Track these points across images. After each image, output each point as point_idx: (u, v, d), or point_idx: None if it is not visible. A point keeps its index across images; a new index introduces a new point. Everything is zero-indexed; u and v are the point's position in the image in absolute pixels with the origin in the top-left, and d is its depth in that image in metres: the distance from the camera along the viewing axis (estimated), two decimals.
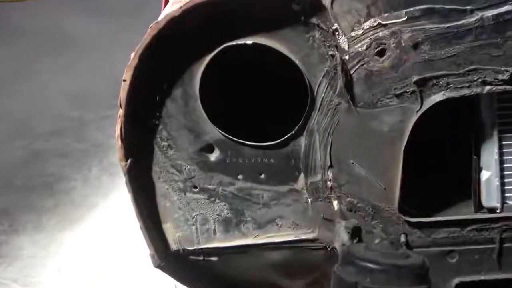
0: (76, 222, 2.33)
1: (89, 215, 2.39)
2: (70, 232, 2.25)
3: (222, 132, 1.45)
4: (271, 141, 1.45)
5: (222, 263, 1.40)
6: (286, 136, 1.44)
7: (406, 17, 1.14)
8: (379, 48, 1.21)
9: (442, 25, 1.12)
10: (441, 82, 1.20)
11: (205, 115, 1.41)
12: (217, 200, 1.55)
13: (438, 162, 1.63)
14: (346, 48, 1.22)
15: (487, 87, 1.15)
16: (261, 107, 1.79)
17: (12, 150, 2.70)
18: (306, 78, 1.34)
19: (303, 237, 1.42)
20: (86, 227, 2.30)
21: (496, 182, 1.24)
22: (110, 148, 3.12)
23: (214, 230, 1.57)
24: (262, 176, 1.49)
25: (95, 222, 2.34)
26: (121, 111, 1.36)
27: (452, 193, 1.52)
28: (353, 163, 1.47)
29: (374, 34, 1.20)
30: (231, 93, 1.68)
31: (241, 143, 1.46)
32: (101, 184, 2.81)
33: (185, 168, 1.49)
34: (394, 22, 1.15)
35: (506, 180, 1.25)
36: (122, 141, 1.42)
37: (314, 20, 1.20)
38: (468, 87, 1.16)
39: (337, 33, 1.23)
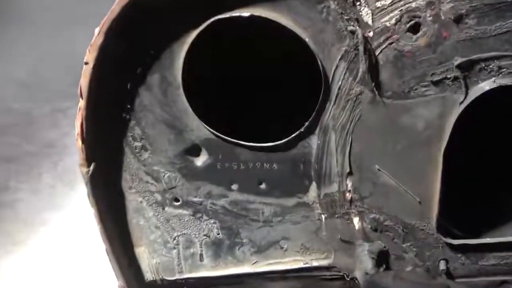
0: (21, 244, 2.31)
1: (38, 234, 2.54)
2: (12, 256, 2.20)
3: (212, 130, 1.52)
4: (274, 141, 1.53)
5: None
6: (294, 135, 1.50)
7: None
8: (412, 22, 1.24)
9: None
10: (491, 66, 1.22)
11: (189, 108, 1.49)
12: (204, 217, 1.59)
13: (485, 168, 1.71)
14: (369, 22, 1.24)
15: None
16: (260, 101, 1.83)
17: None
18: (318, 61, 1.34)
19: (315, 264, 1.51)
20: (34, 250, 2.42)
21: None
22: (67, 149, 3.11)
23: (201, 255, 1.59)
24: (263, 186, 1.55)
25: (46, 244, 2.49)
26: (82, 103, 1.40)
27: (504, 207, 1.59)
28: (379, 169, 1.49)
29: (405, 4, 1.22)
30: (222, 83, 1.72)
31: (235, 144, 1.52)
32: (55, 195, 2.85)
33: (163, 176, 1.54)
34: None
35: None
36: (83, 140, 1.45)
37: None
38: None
39: (358, 3, 1.26)
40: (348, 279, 1.42)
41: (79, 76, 1.34)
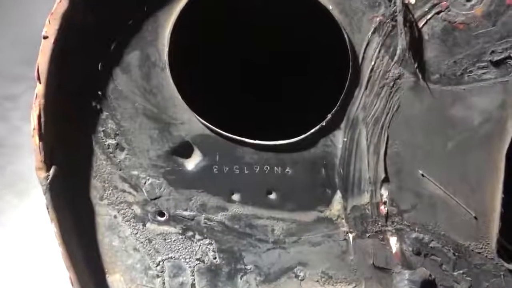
0: None
1: None
2: None
3: (207, 124, 1.53)
4: (287, 139, 1.54)
5: None
6: (313, 130, 1.52)
7: None
8: None
9: None
10: None
11: (178, 95, 1.51)
12: (197, 236, 1.60)
13: None
14: None
15: None
16: (269, 90, 1.86)
17: None
18: (345, 35, 1.38)
19: None
20: None
21: None
22: (18, 149, 3.08)
23: (193, 285, 1.60)
24: (272, 196, 1.57)
25: None
26: (39, 88, 1.44)
27: None
28: (423, 175, 1.50)
29: None
30: (220, 66, 1.76)
31: (238, 142, 1.54)
32: (3, 207, 2.77)
33: (145, 183, 1.56)
34: None
35: None
36: (41, 137, 1.46)
37: None
38: None
39: None
40: None
41: (36, 53, 1.36)
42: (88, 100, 1.47)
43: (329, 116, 1.48)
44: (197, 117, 1.47)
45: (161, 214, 1.54)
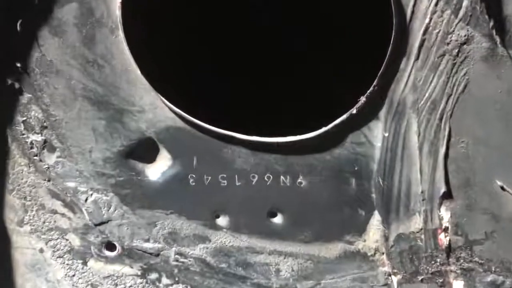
0: None
1: None
2: None
3: (180, 112, 1.52)
4: (301, 134, 1.53)
5: None
6: (337, 121, 1.52)
7: None
8: None
9: None
10: None
11: (136, 68, 1.51)
12: (165, 280, 1.60)
13: None
14: None
15: None
16: (265, 73, 1.92)
17: None
18: None
19: None
20: None
21: None
22: None
23: None
24: (277, 219, 1.58)
25: None
26: None
27: None
28: (502, 189, 1.49)
29: None
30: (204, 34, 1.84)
31: (226, 138, 1.53)
32: None
33: (86, 200, 1.56)
34: None
35: None
36: None
37: None
38: None
39: None
40: None
41: None
42: (1, 75, 1.48)
43: (362, 99, 1.48)
44: (165, 100, 1.46)
45: (111, 246, 1.54)
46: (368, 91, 1.52)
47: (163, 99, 1.50)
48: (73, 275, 1.58)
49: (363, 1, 1.59)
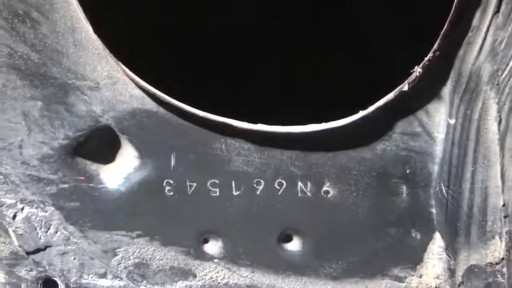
0: None
1: None
2: None
3: (152, 89, 1.37)
4: (326, 121, 1.37)
5: None
6: (380, 102, 1.35)
7: None
8: None
9: None
10: None
11: (88, 26, 1.35)
12: None
13: None
14: None
15: None
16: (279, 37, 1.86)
17: None
18: None
19: None
20: None
21: None
22: None
23: None
24: (292, 245, 1.43)
25: None
26: None
27: None
28: None
29: None
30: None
31: (218, 126, 1.37)
32: None
33: (14, 217, 1.39)
34: None
35: None
36: None
37: None
38: None
39: None
40: None
41: None
42: None
43: (418, 70, 1.29)
44: (129, 72, 1.32)
45: (50, 285, 1.34)
46: (426, 59, 1.30)
47: (127, 70, 1.28)
48: None
49: None
